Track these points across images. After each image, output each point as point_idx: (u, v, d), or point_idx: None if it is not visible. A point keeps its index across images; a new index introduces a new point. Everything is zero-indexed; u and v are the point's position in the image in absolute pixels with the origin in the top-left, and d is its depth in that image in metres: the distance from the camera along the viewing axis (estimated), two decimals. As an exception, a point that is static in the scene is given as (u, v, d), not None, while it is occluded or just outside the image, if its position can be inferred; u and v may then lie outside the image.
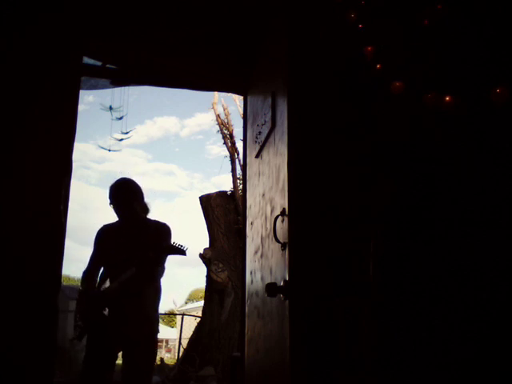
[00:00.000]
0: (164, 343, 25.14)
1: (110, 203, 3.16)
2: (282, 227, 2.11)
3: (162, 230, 3.15)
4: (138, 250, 2.98)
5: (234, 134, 9.43)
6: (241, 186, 7.67)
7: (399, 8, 2.16)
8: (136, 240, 3.06)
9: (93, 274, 3.11)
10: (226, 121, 9.62)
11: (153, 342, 3.04)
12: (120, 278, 2.94)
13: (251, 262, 2.79)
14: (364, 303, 2.05)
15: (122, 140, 4.51)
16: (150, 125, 53.51)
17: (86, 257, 3.16)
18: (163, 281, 3.16)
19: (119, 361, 3.03)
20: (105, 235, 3.20)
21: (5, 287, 2.26)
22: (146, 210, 3.21)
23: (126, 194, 3.14)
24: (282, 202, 2.15)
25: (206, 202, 8.00)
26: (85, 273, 3.11)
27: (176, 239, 3.04)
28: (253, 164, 2.95)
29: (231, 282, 7.37)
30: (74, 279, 16.97)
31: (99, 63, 3.17)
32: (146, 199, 3.23)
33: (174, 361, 10.27)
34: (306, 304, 2.01)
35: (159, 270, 3.09)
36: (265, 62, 2.70)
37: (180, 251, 3.00)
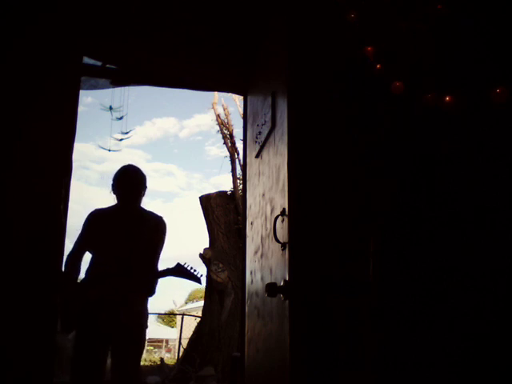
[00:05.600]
0: (164, 343, 25.09)
1: (118, 189, 3.03)
2: (282, 227, 2.11)
3: (159, 226, 3.12)
4: (134, 243, 2.96)
5: (234, 134, 9.42)
6: (241, 186, 7.67)
7: (399, 8, 2.16)
8: (133, 231, 3.01)
9: (78, 258, 3.01)
10: (226, 121, 9.61)
11: (143, 336, 2.99)
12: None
13: (251, 262, 2.79)
14: (364, 303, 2.05)
15: (122, 140, 4.52)
16: (149, 126, 53.40)
17: (87, 257, 3.07)
18: (164, 281, 3.15)
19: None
20: (98, 220, 3.09)
21: (5, 287, 2.26)
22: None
23: (139, 184, 3.06)
24: (281, 201, 2.15)
25: (206, 201, 7.99)
26: (69, 256, 2.95)
27: (177, 240, 3.02)
28: (253, 164, 2.95)
29: (231, 281, 7.36)
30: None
31: (99, 63, 3.17)
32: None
33: (174, 361, 10.26)
34: (305, 304, 2.01)
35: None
36: (265, 61, 2.70)
37: (194, 278, 3.02)
